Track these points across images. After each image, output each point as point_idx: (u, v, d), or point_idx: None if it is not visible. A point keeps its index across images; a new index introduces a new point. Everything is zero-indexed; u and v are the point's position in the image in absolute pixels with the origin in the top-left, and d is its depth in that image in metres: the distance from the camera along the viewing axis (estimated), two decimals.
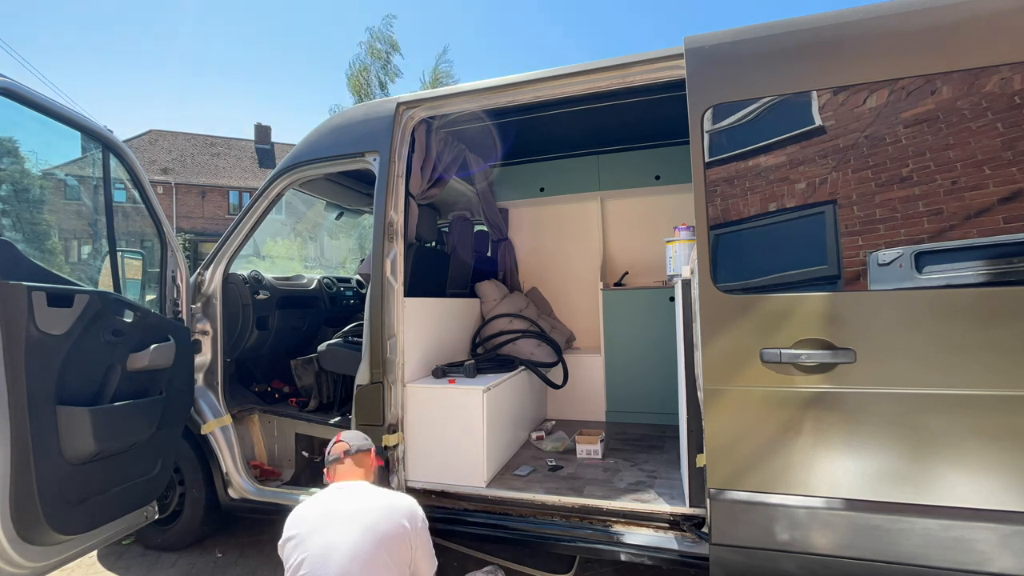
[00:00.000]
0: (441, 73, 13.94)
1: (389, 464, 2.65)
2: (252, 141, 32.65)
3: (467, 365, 3.10)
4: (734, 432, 1.99)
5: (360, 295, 4.52)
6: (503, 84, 2.61)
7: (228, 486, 2.97)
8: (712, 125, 2.08)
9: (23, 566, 1.99)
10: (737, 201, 2.02)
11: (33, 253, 3.59)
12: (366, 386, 2.65)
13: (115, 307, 2.27)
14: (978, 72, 1.75)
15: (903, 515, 1.80)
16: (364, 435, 2.24)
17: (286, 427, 3.37)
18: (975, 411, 1.73)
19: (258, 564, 2.96)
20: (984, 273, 1.75)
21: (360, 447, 2.15)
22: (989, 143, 1.73)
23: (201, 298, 3.08)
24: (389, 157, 2.69)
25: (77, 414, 2.05)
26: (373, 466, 2.19)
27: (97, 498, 2.23)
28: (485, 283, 4.20)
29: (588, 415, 4.18)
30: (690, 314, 2.19)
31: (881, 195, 1.84)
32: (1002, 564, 1.71)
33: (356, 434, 2.23)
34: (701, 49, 2.13)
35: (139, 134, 29.59)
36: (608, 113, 3.34)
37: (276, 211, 3.27)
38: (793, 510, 1.92)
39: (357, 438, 2.19)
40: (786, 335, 1.92)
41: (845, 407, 1.86)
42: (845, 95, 1.90)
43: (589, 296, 4.51)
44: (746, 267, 2.04)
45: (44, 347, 1.97)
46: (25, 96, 2.07)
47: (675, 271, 2.61)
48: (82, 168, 18.31)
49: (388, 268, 2.66)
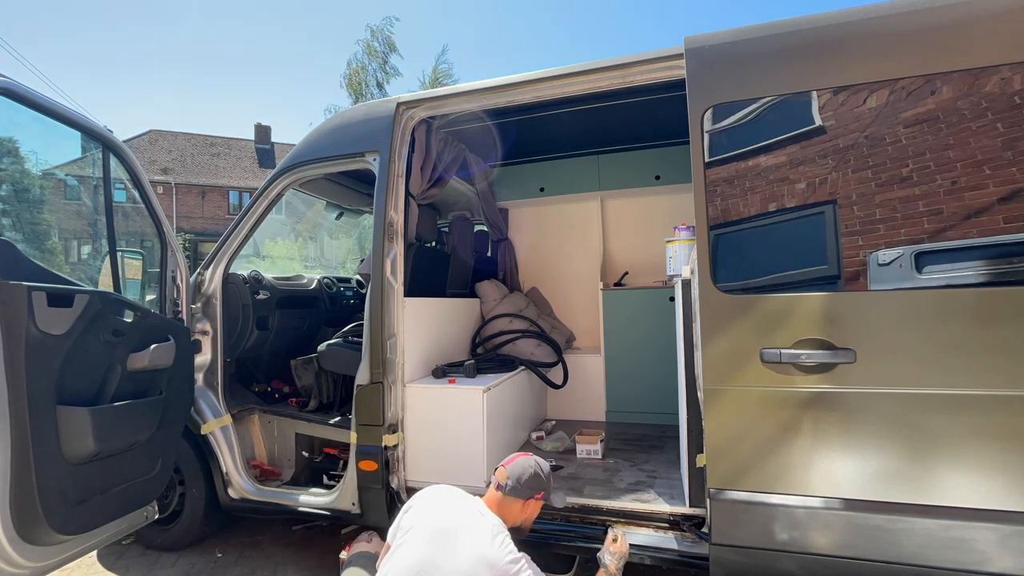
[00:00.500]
0: (440, 73, 13.96)
1: (389, 465, 2.65)
2: (252, 141, 32.65)
3: (467, 365, 3.10)
4: (734, 432, 1.99)
5: (360, 295, 4.52)
6: (503, 84, 2.61)
7: (228, 486, 2.97)
8: (712, 125, 2.08)
9: (23, 566, 1.98)
10: (737, 201, 2.02)
11: (33, 253, 3.60)
12: (366, 386, 2.65)
13: (115, 307, 2.27)
14: (978, 72, 1.75)
15: (903, 515, 1.80)
16: (538, 474, 1.95)
17: (286, 427, 3.37)
18: (975, 411, 1.73)
19: (258, 564, 2.96)
20: (984, 273, 1.75)
21: (515, 491, 1.90)
22: (989, 143, 1.73)
23: (201, 298, 3.08)
24: (389, 157, 2.69)
25: (77, 414, 2.05)
26: (524, 518, 1.95)
27: (97, 498, 2.23)
28: (485, 283, 4.20)
29: (588, 415, 4.17)
30: (690, 314, 2.19)
31: (881, 195, 1.84)
32: (1002, 564, 1.71)
33: (525, 467, 1.94)
34: (701, 49, 2.13)
35: (139, 134, 29.60)
36: (608, 113, 3.34)
37: (276, 211, 3.28)
38: (793, 510, 1.92)
39: (519, 477, 1.91)
40: (786, 335, 1.91)
41: (845, 407, 1.85)
42: (845, 95, 1.90)
43: (589, 296, 4.51)
44: (746, 267, 2.04)
45: (44, 347, 1.97)
46: (25, 96, 2.07)
47: (675, 271, 2.61)
48: (82, 168, 18.32)
49: (388, 268, 2.66)
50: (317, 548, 3.12)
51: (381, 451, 2.60)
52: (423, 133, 3.08)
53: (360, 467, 2.63)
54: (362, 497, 2.65)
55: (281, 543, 3.19)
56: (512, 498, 1.91)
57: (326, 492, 2.84)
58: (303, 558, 3.01)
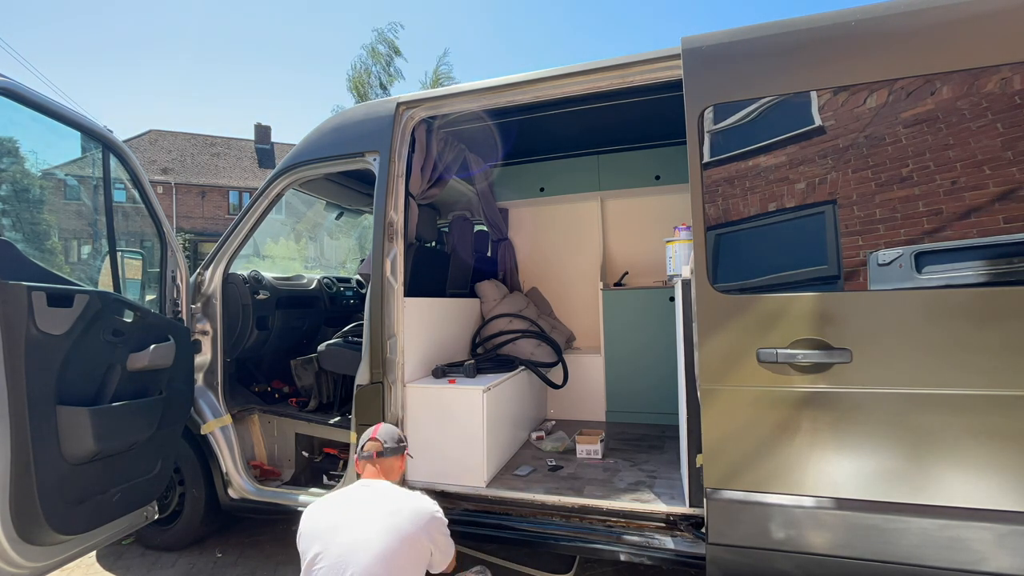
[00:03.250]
0: (441, 75, 14.03)
1: None
2: (252, 141, 32.63)
3: (467, 365, 3.10)
4: (731, 432, 1.99)
5: (360, 295, 4.52)
6: (503, 84, 2.62)
7: (228, 486, 2.98)
8: (709, 125, 2.09)
9: (23, 566, 1.99)
10: (734, 201, 2.03)
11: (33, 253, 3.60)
12: (366, 386, 2.65)
13: (115, 307, 2.28)
14: (978, 72, 1.76)
15: (899, 515, 1.80)
16: (400, 434, 2.16)
17: (286, 427, 3.37)
18: (971, 411, 1.73)
19: (258, 564, 2.96)
20: (983, 273, 1.75)
21: (394, 450, 2.08)
22: (989, 143, 1.73)
23: (201, 298, 3.09)
24: (389, 157, 2.69)
25: (77, 414, 2.06)
26: (403, 468, 2.14)
27: (97, 498, 2.23)
28: (485, 283, 4.20)
29: (588, 415, 4.18)
30: (690, 314, 2.19)
31: (879, 195, 1.84)
32: (998, 564, 1.71)
33: (391, 432, 2.14)
34: (698, 49, 2.13)
35: (139, 134, 29.59)
36: (608, 113, 3.34)
37: (276, 211, 3.28)
38: (789, 510, 1.93)
39: (392, 438, 2.11)
40: (782, 335, 1.92)
41: (841, 407, 1.86)
42: (843, 95, 1.91)
43: (589, 296, 4.52)
44: (743, 267, 2.04)
45: (44, 347, 1.97)
46: (25, 96, 2.08)
47: (675, 271, 2.62)
48: (82, 168, 18.31)
49: (388, 268, 2.67)
50: None
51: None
52: (423, 133, 3.08)
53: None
54: None
55: (281, 543, 3.19)
56: (391, 458, 2.07)
57: (326, 492, 2.84)
58: None
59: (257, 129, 32.68)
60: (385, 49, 14.18)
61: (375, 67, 14.18)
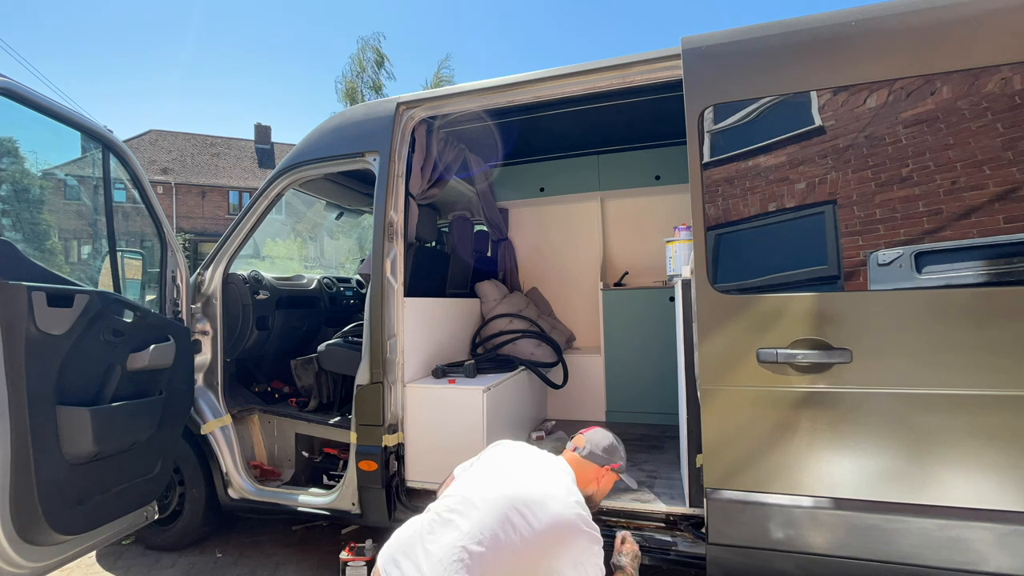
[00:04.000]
0: (443, 79, 14.09)
1: (389, 465, 2.65)
2: (252, 141, 32.66)
3: (467, 365, 3.10)
4: (731, 432, 2.00)
5: (360, 295, 4.52)
6: (503, 84, 2.62)
7: (228, 486, 2.98)
8: (709, 125, 2.09)
9: (23, 566, 1.99)
10: (734, 201, 2.03)
11: (33, 253, 3.59)
12: (366, 386, 2.65)
13: (115, 307, 2.28)
14: (978, 72, 1.76)
15: (899, 514, 1.80)
16: (616, 448, 1.96)
17: (286, 427, 3.37)
18: (971, 411, 1.73)
19: (258, 564, 2.96)
20: (983, 273, 1.75)
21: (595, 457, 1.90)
22: (989, 143, 1.74)
23: (201, 298, 3.09)
24: (389, 157, 2.69)
25: (77, 414, 2.06)
26: (592, 486, 1.90)
27: (97, 498, 2.23)
28: (485, 283, 4.20)
29: (588, 415, 4.17)
30: (690, 314, 2.19)
31: (879, 195, 1.84)
32: (997, 564, 1.71)
33: (606, 436, 1.97)
34: (698, 49, 2.13)
35: (139, 134, 29.61)
36: (608, 113, 3.34)
37: (276, 211, 3.28)
38: (789, 509, 1.93)
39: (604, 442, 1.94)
40: (782, 335, 1.92)
41: (841, 407, 1.86)
42: (843, 95, 1.91)
43: (589, 296, 4.52)
44: (743, 267, 2.04)
45: (44, 347, 1.97)
46: (25, 96, 2.08)
47: (675, 271, 2.62)
48: (82, 168, 18.29)
49: (388, 268, 2.67)
50: (317, 548, 3.12)
51: (381, 451, 2.61)
52: (423, 133, 3.08)
53: (360, 467, 2.63)
54: (362, 497, 2.66)
55: (281, 543, 3.19)
56: (588, 462, 1.91)
57: (326, 492, 2.85)
58: (303, 558, 3.01)
59: (257, 129, 32.70)
60: (371, 55, 14.48)
61: (363, 76, 14.42)
